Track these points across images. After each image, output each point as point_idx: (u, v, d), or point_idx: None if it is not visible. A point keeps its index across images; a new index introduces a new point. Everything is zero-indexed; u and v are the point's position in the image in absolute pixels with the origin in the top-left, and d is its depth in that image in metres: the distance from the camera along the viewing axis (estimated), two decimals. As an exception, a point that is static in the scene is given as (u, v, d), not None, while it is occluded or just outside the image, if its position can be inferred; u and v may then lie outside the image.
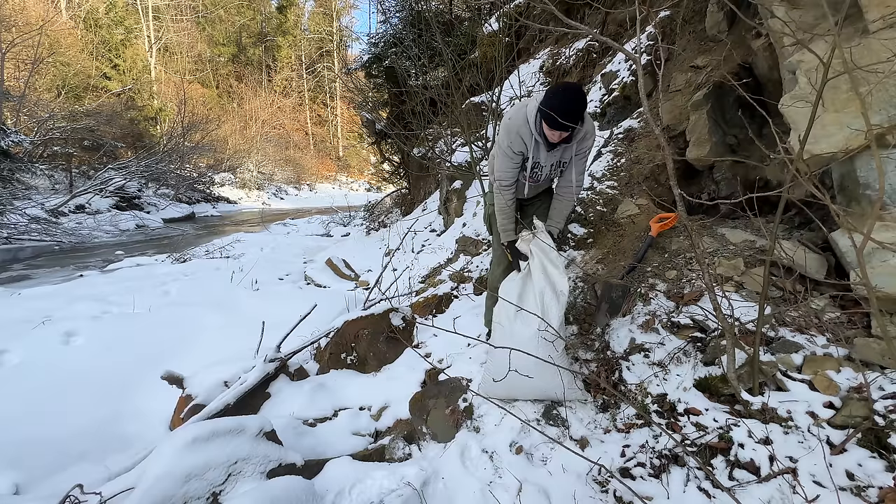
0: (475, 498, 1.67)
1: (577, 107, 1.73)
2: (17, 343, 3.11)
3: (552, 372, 1.78)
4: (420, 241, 5.67)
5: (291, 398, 2.48)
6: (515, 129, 1.96)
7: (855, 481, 1.26)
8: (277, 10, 34.26)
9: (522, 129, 1.95)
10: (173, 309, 4.02)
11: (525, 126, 1.94)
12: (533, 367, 1.71)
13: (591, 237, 3.03)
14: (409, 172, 8.53)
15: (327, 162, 33.49)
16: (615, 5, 4.52)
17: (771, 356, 1.65)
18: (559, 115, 1.72)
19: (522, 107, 1.96)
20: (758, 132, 2.25)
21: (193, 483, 1.55)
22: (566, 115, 1.71)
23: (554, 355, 1.84)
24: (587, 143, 2.01)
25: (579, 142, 1.98)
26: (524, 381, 1.77)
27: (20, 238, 8.61)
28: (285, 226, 12.30)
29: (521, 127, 1.95)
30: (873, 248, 1.49)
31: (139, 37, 24.43)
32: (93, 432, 2.41)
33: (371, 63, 8.14)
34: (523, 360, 1.66)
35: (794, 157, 1.35)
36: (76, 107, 15.97)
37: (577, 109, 1.73)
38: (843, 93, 1.62)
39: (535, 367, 1.71)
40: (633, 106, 3.83)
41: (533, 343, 1.85)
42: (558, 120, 1.72)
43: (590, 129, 1.98)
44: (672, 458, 1.54)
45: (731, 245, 2.28)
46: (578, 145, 2.00)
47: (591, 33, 1.71)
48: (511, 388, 1.90)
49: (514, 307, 1.94)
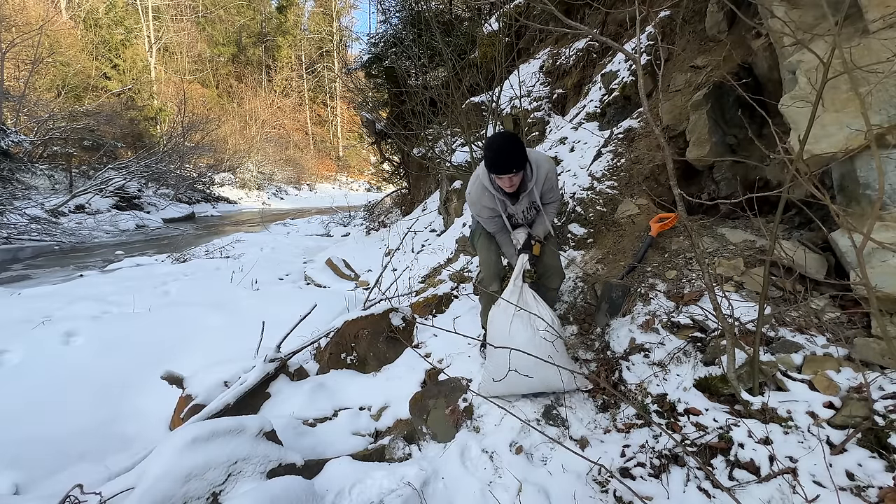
0: (475, 498, 1.67)
1: (512, 148, 1.86)
2: (17, 343, 3.11)
3: (552, 370, 1.79)
4: (420, 241, 5.67)
5: (291, 398, 2.48)
6: (477, 200, 2.12)
7: (855, 481, 1.26)
8: (277, 10, 34.27)
9: (484, 197, 2.10)
10: (173, 309, 4.02)
11: (485, 193, 2.09)
12: (532, 367, 1.72)
13: (591, 237, 3.03)
14: (409, 172, 8.53)
15: (327, 162, 33.50)
16: (615, 5, 4.52)
17: (771, 356, 1.65)
18: (498, 164, 1.87)
19: (476, 177, 2.12)
20: (758, 132, 2.25)
21: (193, 483, 1.55)
22: (503, 159, 1.87)
23: (554, 355, 1.85)
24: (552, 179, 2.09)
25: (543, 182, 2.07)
26: (524, 379, 1.78)
27: (20, 238, 8.61)
28: (285, 226, 12.30)
29: (481, 196, 2.10)
30: (873, 248, 1.49)
31: (139, 37, 24.44)
32: (93, 432, 2.41)
33: (371, 63, 8.14)
34: (523, 359, 1.67)
35: (794, 157, 1.35)
36: (76, 107, 15.98)
37: (511, 150, 1.86)
38: (843, 93, 1.62)
39: (534, 367, 1.72)
40: (633, 106, 3.82)
41: (532, 343, 1.86)
42: (500, 168, 1.88)
43: (546, 169, 2.05)
44: (672, 458, 1.54)
45: (731, 245, 2.28)
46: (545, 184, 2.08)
47: (591, 33, 1.71)
48: (511, 386, 1.91)
49: (514, 307, 1.94)
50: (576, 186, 3.42)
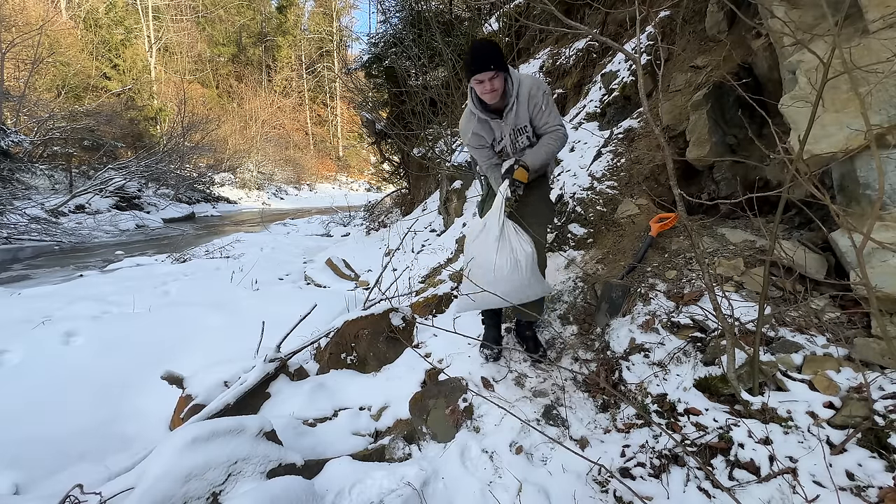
0: (475, 498, 1.67)
1: (490, 49, 1.92)
2: (17, 343, 3.11)
3: (521, 282, 2.00)
4: (420, 241, 5.67)
5: (291, 398, 2.48)
6: (466, 126, 2.17)
7: (855, 481, 1.26)
8: (277, 10, 34.29)
9: (471, 122, 2.13)
10: (173, 309, 4.02)
11: (471, 119, 2.12)
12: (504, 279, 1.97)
13: (591, 237, 3.03)
14: (409, 172, 8.54)
15: (327, 162, 33.51)
16: (615, 5, 4.52)
17: (771, 356, 1.65)
18: (475, 60, 1.91)
19: (465, 110, 2.18)
20: (758, 132, 2.25)
21: (193, 483, 1.55)
22: (480, 58, 1.91)
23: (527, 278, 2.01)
24: (537, 97, 2.05)
25: (527, 100, 2.05)
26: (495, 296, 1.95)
27: (20, 238, 8.61)
28: (285, 226, 12.30)
29: (468, 122, 2.15)
30: (873, 248, 1.49)
31: (139, 37, 24.45)
32: (93, 432, 2.41)
33: (371, 63, 8.14)
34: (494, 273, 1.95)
35: (794, 157, 1.35)
36: (76, 107, 15.99)
37: (489, 50, 1.92)
38: (843, 93, 1.62)
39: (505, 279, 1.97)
40: (633, 106, 3.82)
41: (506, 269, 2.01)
42: (477, 64, 1.90)
43: (528, 85, 2.04)
44: (672, 458, 1.54)
45: (731, 245, 2.28)
46: (529, 103, 2.05)
47: (590, 33, 1.71)
48: (485, 301, 2.07)
49: (495, 238, 2.01)
50: (576, 186, 3.42)
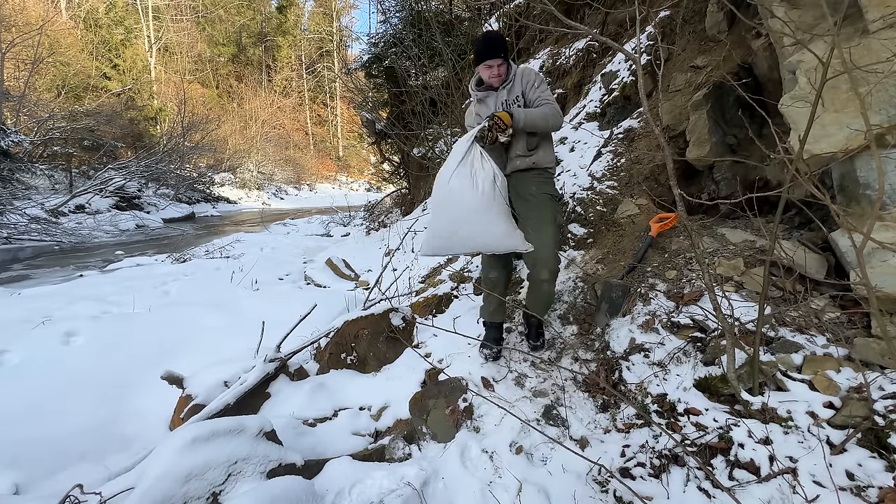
0: (475, 498, 1.67)
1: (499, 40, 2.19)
2: (17, 343, 3.10)
3: (487, 221, 1.98)
4: (420, 241, 5.66)
5: (291, 398, 2.48)
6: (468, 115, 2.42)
7: (855, 481, 1.26)
8: (277, 10, 34.29)
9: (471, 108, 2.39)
10: (173, 309, 4.01)
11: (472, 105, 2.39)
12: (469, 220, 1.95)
13: (591, 237, 3.03)
14: (409, 172, 8.53)
15: (327, 162, 33.51)
16: (615, 5, 4.52)
17: (771, 356, 1.65)
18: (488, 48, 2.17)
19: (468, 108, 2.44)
20: (758, 132, 2.25)
21: (193, 483, 1.55)
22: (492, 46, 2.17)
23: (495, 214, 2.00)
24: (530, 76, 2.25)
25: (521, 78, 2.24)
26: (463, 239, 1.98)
27: (20, 238, 8.61)
28: (285, 226, 12.29)
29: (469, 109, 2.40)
30: (873, 248, 1.49)
31: (139, 37, 24.45)
32: (93, 432, 2.41)
33: (371, 63, 8.13)
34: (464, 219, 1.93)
35: (794, 157, 1.35)
36: (76, 107, 15.99)
37: (498, 40, 2.19)
38: (843, 93, 1.62)
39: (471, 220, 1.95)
40: (633, 106, 3.82)
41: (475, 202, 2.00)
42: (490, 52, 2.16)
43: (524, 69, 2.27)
44: (672, 458, 1.54)
45: (731, 245, 2.28)
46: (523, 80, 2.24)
47: (590, 33, 1.71)
48: (452, 244, 2.08)
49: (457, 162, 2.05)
50: (576, 186, 3.42)
